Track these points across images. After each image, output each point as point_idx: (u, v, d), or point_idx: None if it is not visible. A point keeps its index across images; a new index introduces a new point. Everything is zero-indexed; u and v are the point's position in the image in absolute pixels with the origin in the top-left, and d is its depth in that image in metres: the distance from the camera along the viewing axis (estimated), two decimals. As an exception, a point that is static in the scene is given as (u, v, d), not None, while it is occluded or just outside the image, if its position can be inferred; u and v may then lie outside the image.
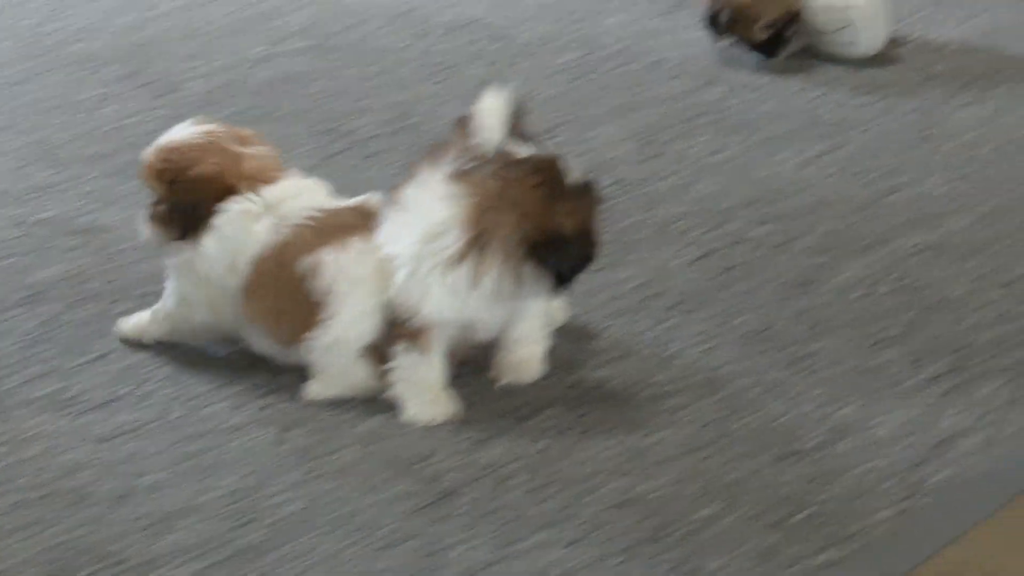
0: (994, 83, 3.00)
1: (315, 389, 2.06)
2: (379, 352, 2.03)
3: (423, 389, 2.03)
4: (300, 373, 2.07)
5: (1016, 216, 2.48)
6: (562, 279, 2.00)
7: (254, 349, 2.11)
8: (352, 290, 2.00)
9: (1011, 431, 1.99)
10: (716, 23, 3.06)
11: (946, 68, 3.09)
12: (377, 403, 2.05)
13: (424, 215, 1.99)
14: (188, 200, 2.08)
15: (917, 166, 2.67)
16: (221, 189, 2.07)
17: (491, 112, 2.04)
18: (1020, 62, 3.11)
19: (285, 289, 2.03)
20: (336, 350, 2.02)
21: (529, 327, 2.10)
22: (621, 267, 2.36)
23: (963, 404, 2.04)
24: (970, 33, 3.27)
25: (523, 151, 2.00)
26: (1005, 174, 2.62)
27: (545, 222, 1.96)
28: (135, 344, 2.18)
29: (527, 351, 2.11)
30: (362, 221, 2.05)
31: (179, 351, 2.17)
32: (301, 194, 2.12)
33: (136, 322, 2.18)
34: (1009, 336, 2.17)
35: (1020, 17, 3.37)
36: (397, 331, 2.00)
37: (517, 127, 2.08)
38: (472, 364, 2.10)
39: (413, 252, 1.98)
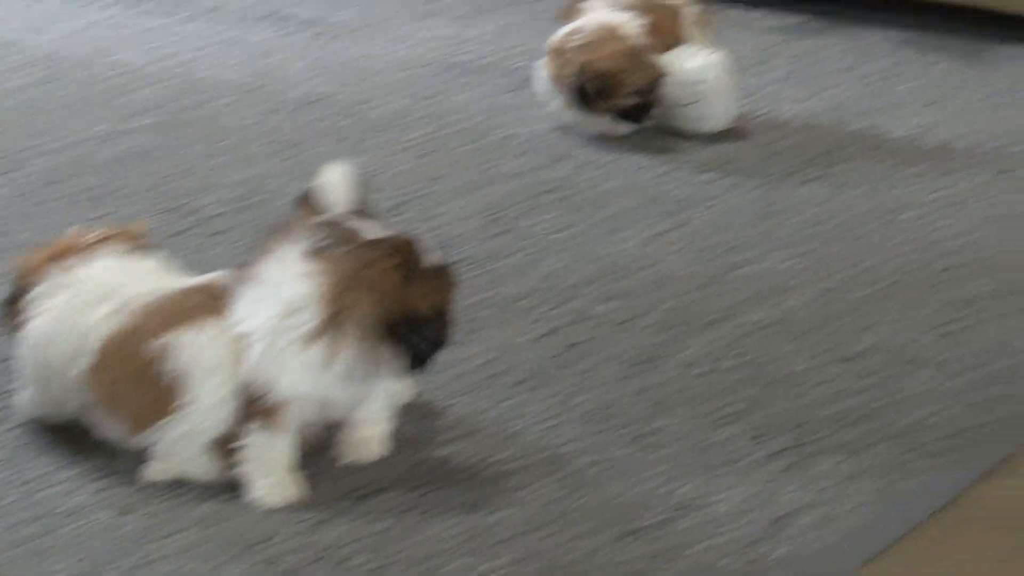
0: (837, 159, 3.08)
1: (155, 471, 2.05)
2: (229, 437, 2.02)
3: (272, 469, 2.02)
4: (139, 455, 2.06)
5: (855, 292, 2.54)
6: (418, 360, 2.02)
7: (98, 434, 2.09)
8: (208, 376, 1.99)
9: (849, 507, 2.04)
10: (584, 93, 3.08)
11: (791, 144, 3.17)
12: (217, 484, 2.04)
13: (281, 291, 1.99)
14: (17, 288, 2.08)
15: (760, 242, 2.72)
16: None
17: (334, 187, 2.06)
18: (862, 138, 3.19)
19: (133, 375, 2.01)
20: (189, 439, 2.01)
21: (374, 406, 2.11)
22: (467, 345, 2.37)
23: (802, 480, 2.08)
24: (816, 108, 3.36)
25: (374, 229, 2.02)
26: (845, 250, 2.68)
27: (402, 303, 1.97)
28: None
29: (371, 430, 2.12)
30: (211, 301, 2.03)
31: (15, 433, 2.15)
32: (146, 274, 2.11)
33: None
34: (848, 412, 2.22)
35: (864, 92, 3.46)
36: (250, 409, 2.00)
37: (362, 204, 2.09)
38: (316, 444, 2.10)
39: (269, 328, 1.98)
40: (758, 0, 4.18)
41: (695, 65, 3.16)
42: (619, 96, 3.10)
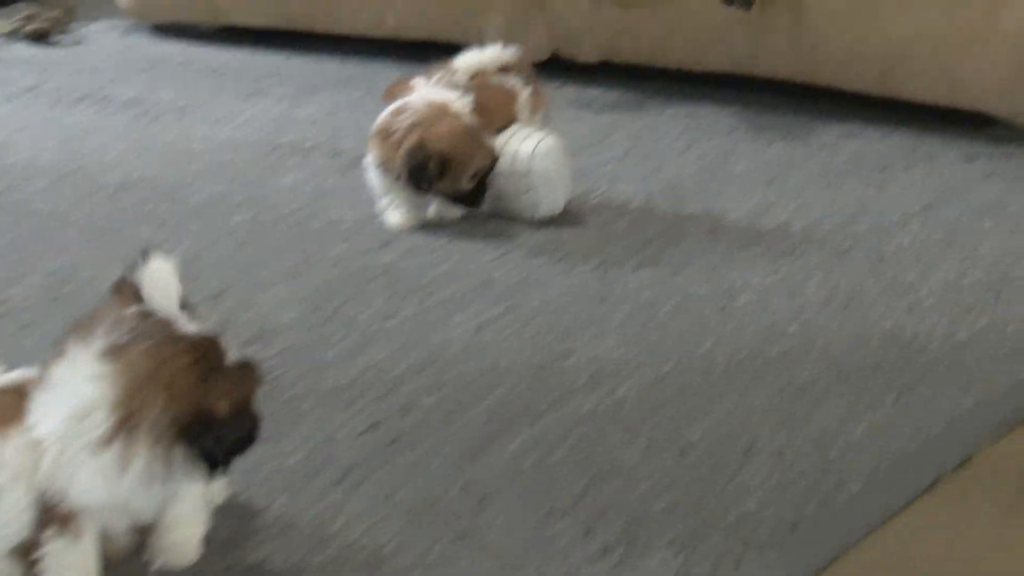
0: (673, 241, 3.08)
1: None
2: (30, 544, 1.94)
3: (74, 578, 1.95)
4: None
5: (690, 378, 2.52)
6: (216, 463, 1.95)
7: None
8: (11, 485, 1.91)
9: (681, 603, 2.01)
10: (423, 174, 3.04)
11: (627, 226, 3.16)
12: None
13: (71, 394, 1.91)
14: None
15: (593, 328, 2.70)
16: None
17: (150, 276, 2.00)
18: (700, 218, 3.20)
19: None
20: (-10, 546, 1.93)
21: (186, 508, 2.04)
22: (286, 440, 2.31)
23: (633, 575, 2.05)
24: (653, 188, 3.37)
25: (182, 324, 1.96)
26: (680, 335, 2.67)
27: (197, 404, 1.91)
28: None
29: (183, 532, 2.05)
30: (16, 401, 1.96)
31: None
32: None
33: None
34: (680, 503, 2.19)
35: (701, 172, 3.49)
36: (47, 516, 1.92)
37: (180, 294, 2.04)
38: (126, 548, 2.02)
39: (60, 433, 1.91)
40: (593, 78, 4.22)
41: (527, 150, 3.14)
42: (460, 178, 3.07)
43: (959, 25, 3.66)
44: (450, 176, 3.06)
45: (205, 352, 1.92)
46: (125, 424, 1.89)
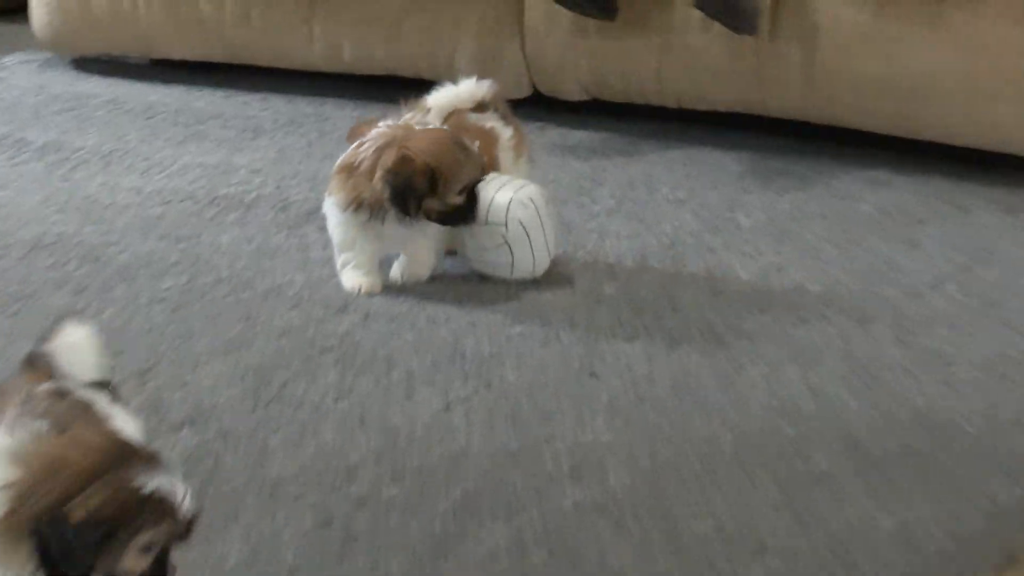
0: (671, 306, 3.07)
1: None
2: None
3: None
4: None
5: (690, 467, 2.50)
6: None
7: None
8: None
9: None
10: (411, 192, 3.01)
11: (618, 289, 3.16)
12: None
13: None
14: None
15: (579, 408, 2.68)
16: None
17: (70, 350, 1.99)
18: (701, 280, 3.20)
19: None
20: None
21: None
22: (222, 540, 2.29)
23: None
24: (648, 245, 3.37)
25: (102, 407, 1.94)
26: (679, 416, 2.65)
27: (58, 501, 1.87)
28: None
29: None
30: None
31: None
32: None
33: None
34: (680, 611, 2.17)
35: (703, 226, 3.49)
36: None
37: (101, 370, 2.02)
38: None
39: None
40: (579, 118, 4.22)
41: (503, 201, 3.14)
42: (450, 193, 3.06)
43: (989, 58, 3.67)
44: (440, 191, 3.05)
45: (113, 465, 1.88)
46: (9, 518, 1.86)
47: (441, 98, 3.29)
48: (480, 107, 3.33)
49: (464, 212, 3.09)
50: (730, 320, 3.00)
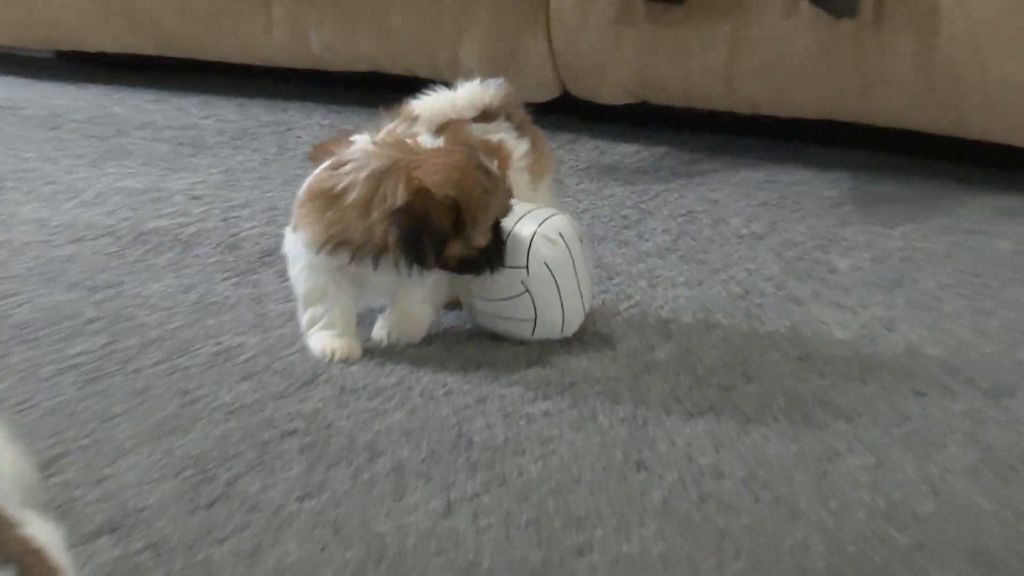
0: (745, 376, 3.08)
1: None
2: None
3: None
4: None
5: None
6: None
7: None
8: None
9: None
10: (432, 238, 3.01)
11: (674, 354, 3.16)
12: None
13: None
14: None
15: (622, 510, 2.69)
16: None
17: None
18: (782, 341, 3.21)
19: None
20: None
21: None
22: None
23: None
24: (713, 295, 3.38)
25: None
26: (751, 523, 2.66)
27: None
28: None
29: None
30: None
31: None
32: None
33: None
34: None
35: (787, 269, 3.49)
36: None
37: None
38: None
39: None
40: (621, 129, 4.23)
41: (524, 237, 3.15)
42: (478, 233, 3.07)
43: None
44: (465, 232, 3.05)
45: None
46: None
47: (432, 104, 3.30)
48: (487, 116, 3.33)
49: (490, 256, 3.10)
50: (822, 393, 3.01)
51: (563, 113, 4.18)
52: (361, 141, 3.14)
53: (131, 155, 4.10)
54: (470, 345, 3.20)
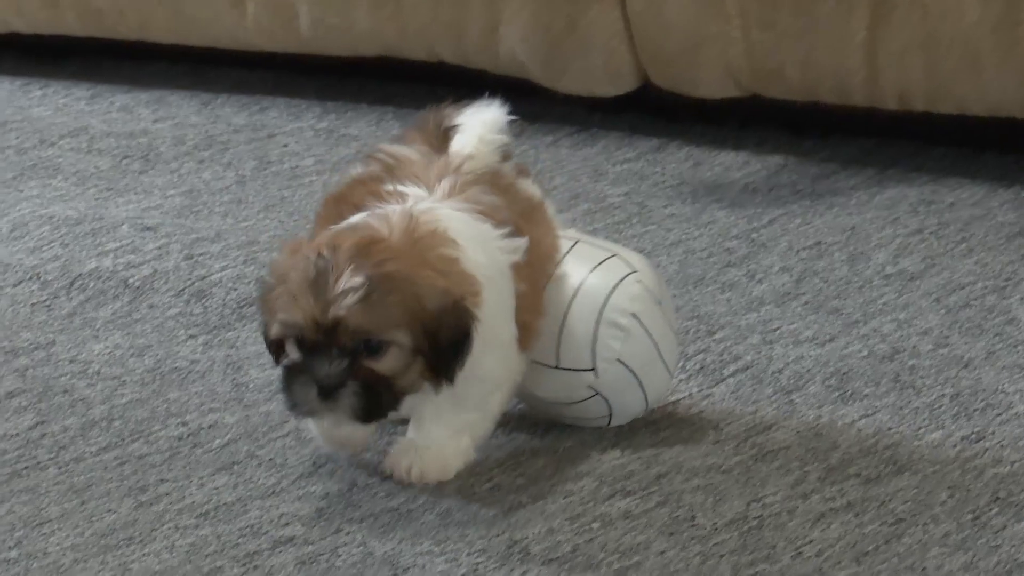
0: (893, 469, 3.08)
1: None
2: None
3: None
4: None
5: None
6: None
7: None
8: None
9: None
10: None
11: (799, 437, 3.18)
12: None
13: None
14: None
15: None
16: None
17: None
18: (944, 421, 3.21)
19: None
20: None
21: None
22: None
23: None
24: (853, 356, 3.40)
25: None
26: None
27: None
28: None
29: None
30: None
31: None
32: None
33: None
34: None
35: (952, 321, 3.51)
36: None
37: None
38: None
39: None
40: (723, 132, 4.25)
41: (581, 332, 3.19)
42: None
43: None
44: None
45: None
46: None
47: (483, 137, 3.22)
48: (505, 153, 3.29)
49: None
50: (999, 486, 3.03)
51: (643, 112, 4.21)
52: (414, 194, 3.09)
53: (58, 172, 4.13)
54: (522, 426, 3.25)
